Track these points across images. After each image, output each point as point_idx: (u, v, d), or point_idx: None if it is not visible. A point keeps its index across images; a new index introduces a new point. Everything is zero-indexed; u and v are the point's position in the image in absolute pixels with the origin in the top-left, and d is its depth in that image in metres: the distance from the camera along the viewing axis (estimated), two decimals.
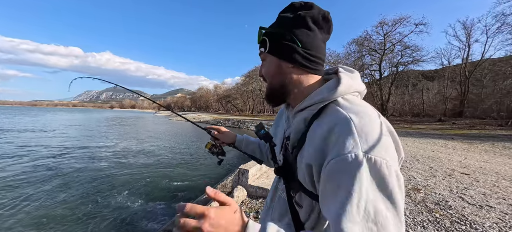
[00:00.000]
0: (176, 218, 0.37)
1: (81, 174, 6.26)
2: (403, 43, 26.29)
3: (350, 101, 0.49)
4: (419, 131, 13.55)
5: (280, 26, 0.55)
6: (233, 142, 0.94)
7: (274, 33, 0.55)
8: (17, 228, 3.49)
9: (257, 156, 0.93)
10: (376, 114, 0.47)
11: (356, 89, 0.53)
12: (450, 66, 28.54)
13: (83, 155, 8.71)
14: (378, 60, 28.15)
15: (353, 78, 0.54)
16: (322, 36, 0.55)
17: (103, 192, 5.03)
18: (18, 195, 4.71)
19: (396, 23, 26.03)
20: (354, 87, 0.52)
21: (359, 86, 0.54)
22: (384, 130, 0.42)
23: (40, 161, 7.58)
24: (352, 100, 0.49)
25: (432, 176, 3.90)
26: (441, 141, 8.89)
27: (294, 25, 0.53)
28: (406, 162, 4.99)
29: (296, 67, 0.54)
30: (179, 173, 6.71)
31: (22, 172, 6.31)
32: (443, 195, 3.02)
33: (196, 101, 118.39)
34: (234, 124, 27.79)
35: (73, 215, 3.95)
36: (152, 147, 11.10)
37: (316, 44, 0.53)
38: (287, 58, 0.54)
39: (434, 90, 32.61)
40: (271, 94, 0.60)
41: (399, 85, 30.94)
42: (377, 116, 0.46)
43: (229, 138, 0.94)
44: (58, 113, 71.22)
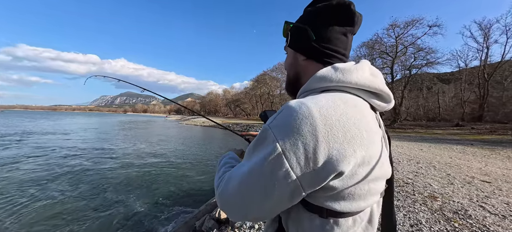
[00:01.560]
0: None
1: (95, 174, 6.52)
2: (416, 45, 25.49)
3: (318, 96, 0.45)
4: (434, 136, 13.00)
5: (301, 20, 0.57)
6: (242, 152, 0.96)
7: (295, 27, 0.58)
8: (31, 223, 3.69)
9: None
10: (312, 113, 0.40)
11: (337, 82, 0.47)
12: (467, 68, 27.31)
13: (97, 157, 9.07)
14: (390, 63, 27.42)
15: (337, 70, 0.48)
16: (342, 28, 0.52)
17: (116, 193, 5.22)
18: (36, 191, 4.99)
19: (408, 25, 25.34)
20: (331, 80, 0.47)
21: (342, 79, 0.47)
22: (301, 126, 0.39)
23: (58, 160, 7.98)
24: (318, 96, 0.45)
25: (449, 184, 3.74)
26: (459, 146, 8.49)
27: (312, 18, 0.54)
28: (422, 169, 4.81)
29: (309, 60, 0.56)
30: (189, 175, 6.83)
31: (41, 170, 6.66)
32: (462, 203, 2.89)
33: (206, 106, 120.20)
34: (243, 128, 27.91)
35: (85, 213, 4.12)
36: (163, 150, 11.37)
37: (333, 37, 0.52)
38: (301, 51, 0.57)
39: (450, 93, 31.25)
40: (288, 85, 0.63)
41: (413, 88, 29.95)
42: (307, 115, 0.40)
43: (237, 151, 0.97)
44: (76, 117, 74.77)
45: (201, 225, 3.09)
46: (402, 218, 2.50)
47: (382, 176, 0.47)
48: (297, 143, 0.39)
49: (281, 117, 0.43)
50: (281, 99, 55.60)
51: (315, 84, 0.49)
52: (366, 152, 0.42)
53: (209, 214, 3.22)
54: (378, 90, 0.49)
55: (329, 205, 0.44)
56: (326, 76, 0.48)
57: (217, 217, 3.03)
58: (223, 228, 2.74)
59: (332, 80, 0.47)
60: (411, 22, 25.13)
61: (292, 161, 0.39)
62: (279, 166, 0.40)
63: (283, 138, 0.40)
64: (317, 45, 0.53)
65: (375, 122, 0.47)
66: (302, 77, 0.58)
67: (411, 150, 7.59)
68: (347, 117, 0.42)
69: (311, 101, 0.43)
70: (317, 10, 0.53)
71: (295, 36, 0.57)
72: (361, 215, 0.47)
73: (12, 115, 75.58)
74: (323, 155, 0.39)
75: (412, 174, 4.33)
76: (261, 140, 0.44)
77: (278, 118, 0.43)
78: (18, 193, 4.99)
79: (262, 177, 0.41)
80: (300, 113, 0.40)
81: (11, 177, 6.17)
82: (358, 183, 0.43)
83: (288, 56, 0.61)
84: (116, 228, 3.69)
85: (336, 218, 0.45)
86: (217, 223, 2.99)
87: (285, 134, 0.40)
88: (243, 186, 0.43)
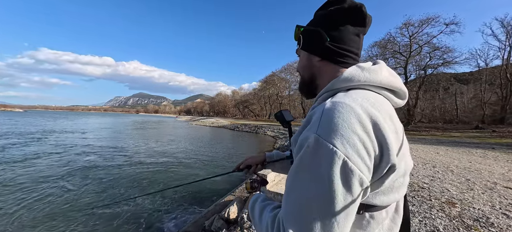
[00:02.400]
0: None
1: (107, 171, 6.76)
2: (432, 44, 24.41)
3: (348, 93, 0.46)
4: (452, 139, 12.39)
5: (313, 23, 0.59)
6: (264, 159, 0.91)
7: (307, 30, 0.59)
8: (42, 218, 3.88)
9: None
10: (356, 110, 0.41)
11: (365, 81, 0.48)
12: (487, 67, 25.84)
13: (110, 155, 9.40)
14: (403, 63, 26.46)
15: (363, 70, 0.49)
16: (355, 29, 0.54)
17: (126, 190, 5.39)
18: (54, 185, 5.25)
19: (423, 23, 24.33)
20: (359, 79, 0.48)
21: (370, 78, 0.48)
22: (352, 125, 0.39)
23: (75, 157, 8.36)
24: (350, 94, 0.46)
25: (469, 189, 3.55)
26: (479, 150, 8.03)
27: (325, 20, 0.55)
28: (438, 173, 4.60)
29: (324, 61, 0.56)
30: (198, 175, 6.92)
31: (60, 165, 7.00)
32: (484, 210, 2.73)
33: (215, 106, 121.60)
34: (251, 129, 27.97)
35: (95, 208, 4.29)
36: (173, 149, 11.61)
37: (347, 37, 0.54)
38: (315, 52, 0.57)
39: (469, 94, 29.70)
40: (302, 86, 0.64)
41: (428, 89, 28.70)
42: (352, 112, 0.40)
43: (259, 158, 0.91)
44: (92, 117, 78.11)
45: (210, 225, 3.12)
46: (418, 224, 2.40)
47: (409, 169, 0.49)
48: (356, 143, 0.38)
49: (326, 121, 0.40)
50: (290, 100, 55.16)
51: (341, 84, 0.49)
52: (400, 145, 0.45)
53: (218, 214, 3.25)
54: (398, 89, 0.52)
55: (369, 201, 0.44)
56: (354, 75, 0.49)
57: (226, 217, 3.05)
58: (232, 228, 2.75)
59: (359, 80, 0.48)
60: (426, 20, 24.12)
61: (359, 164, 0.38)
62: (350, 174, 0.37)
63: (341, 143, 0.37)
64: (331, 45, 0.54)
65: (396, 116, 0.50)
66: (317, 78, 0.59)
67: (427, 153, 7.28)
68: (383, 111, 0.43)
69: (348, 98, 0.42)
70: (330, 13, 0.55)
71: (308, 39, 0.59)
72: (391, 206, 0.50)
73: (34, 114, 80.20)
74: (378, 149, 0.39)
75: (428, 179, 4.15)
76: (313, 154, 0.39)
77: (323, 123, 0.40)
78: (40, 185, 5.28)
79: (337, 195, 0.37)
80: (345, 112, 0.39)
81: (33, 170, 6.54)
82: (398, 176, 0.44)
83: (302, 58, 0.62)
84: (124, 225, 3.80)
85: (371, 212, 0.46)
86: (226, 223, 3.01)
87: (340, 137, 0.38)
88: (316, 212, 0.38)
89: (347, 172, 0.37)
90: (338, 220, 0.37)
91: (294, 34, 0.63)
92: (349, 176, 0.37)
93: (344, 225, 0.38)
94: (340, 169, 0.37)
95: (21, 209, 4.25)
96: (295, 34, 0.63)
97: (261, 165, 0.90)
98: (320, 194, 0.38)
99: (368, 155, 0.39)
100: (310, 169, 0.40)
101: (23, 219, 3.90)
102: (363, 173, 0.38)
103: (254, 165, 0.90)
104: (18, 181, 5.76)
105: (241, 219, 2.74)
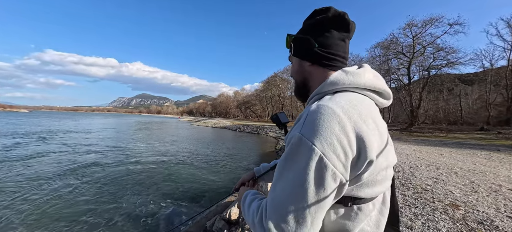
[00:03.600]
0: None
1: (109, 171, 6.81)
2: (435, 45, 24.17)
3: (334, 97, 0.51)
4: (456, 141, 12.25)
5: (302, 32, 0.63)
6: (253, 175, 0.96)
7: (297, 38, 0.64)
8: (46, 217, 3.92)
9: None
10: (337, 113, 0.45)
11: (349, 83, 0.53)
12: (493, 68, 25.47)
13: (113, 155, 9.47)
14: (406, 63, 26.24)
15: (348, 73, 0.54)
16: (340, 34, 0.59)
17: (128, 190, 5.42)
18: (60, 183, 5.30)
19: (426, 24, 24.13)
20: (344, 82, 0.53)
21: (353, 81, 0.53)
22: (332, 126, 0.43)
23: (78, 157, 8.43)
24: (335, 97, 0.50)
25: (473, 192, 3.50)
26: (484, 152, 7.92)
27: (313, 28, 0.60)
28: (442, 175, 4.55)
29: (314, 65, 0.61)
30: (200, 175, 6.93)
31: (65, 164, 7.08)
32: (488, 213, 2.69)
33: (217, 107, 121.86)
34: (253, 129, 27.96)
35: (97, 208, 4.31)
36: (175, 150, 11.66)
37: (334, 43, 0.58)
38: (306, 58, 0.62)
39: (474, 95, 29.34)
40: (297, 90, 0.68)
41: (432, 90, 28.42)
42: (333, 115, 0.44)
43: (250, 175, 0.97)
44: (96, 117, 78.81)
45: (212, 225, 3.12)
46: (421, 227, 2.37)
47: (391, 163, 0.54)
48: (333, 142, 0.42)
49: (309, 122, 0.45)
50: (292, 100, 55.06)
51: (328, 87, 0.54)
52: (381, 142, 0.49)
53: (220, 215, 3.25)
54: (381, 90, 0.57)
55: (354, 193, 0.49)
56: (339, 79, 0.54)
57: (227, 218, 3.05)
58: (233, 229, 2.75)
59: (344, 83, 0.53)
60: (430, 21, 23.93)
61: (334, 161, 0.42)
62: (324, 169, 0.41)
63: (319, 141, 0.42)
64: (319, 51, 0.59)
65: (380, 116, 0.54)
66: (309, 82, 0.63)
67: (430, 155, 7.20)
68: (364, 112, 0.48)
69: (331, 102, 0.47)
70: (317, 21, 0.60)
71: (299, 46, 0.63)
72: (378, 198, 0.54)
73: (40, 115, 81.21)
74: (356, 147, 0.44)
75: (431, 181, 4.10)
76: (295, 150, 0.44)
77: (306, 124, 0.45)
78: (45, 184, 5.35)
79: (311, 186, 0.42)
80: (326, 114, 0.44)
81: (39, 169, 6.62)
82: (379, 170, 0.49)
83: (294, 64, 0.67)
84: (124, 226, 3.82)
85: (359, 204, 0.50)
86: (228, 224, 3.01)
87: (319, 137, 0.42)
88: (292, 201, 0.43)
89: (321, 167, 0.41)
90: (311, 211, 0.42)
91: (286, 42, 0.67)
92: (323, 170, 0.41)
93: (317, 215, 0.43)
94: (315, 164, 0.41)
95: (23, 205, 4.30)
96: (286, 42, 0.67)
97: (253, 181, 0.94)
98: (296, 185, 0.42)
99: (344, 153, 0.43)
100: (291, 163, 0.44)
101: (24, 215, 3.95)
102: (337, 168, 0.42)
103: (247, 182, 0.94)
104: (23, 179, 5.84)
105: (243, 220, 2.74)
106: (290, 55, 0.67)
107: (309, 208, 0.42)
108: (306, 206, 0.42)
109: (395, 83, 28.66)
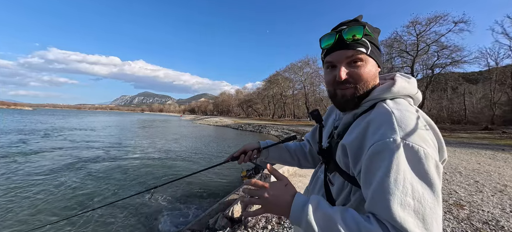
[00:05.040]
0: (244, 189, 0.57)
1: (111, 168, 6.86)
2: (440, 43, 23.90)
3: (398, 102, 0.54)
4: (460, 140, 12.13)
5: (373, 39, 0.60)
6: (258, 146, 0.90)
7: (372, 37, 0.59)
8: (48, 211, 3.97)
9: (287, 161, 0.93)
10: (416, 113, 0.52)
11: (409, 92, 0.58)
12: (498, 67, 25.12)
13: (116, 152, 9.53)
14: (410, 62, 26.00)
15: (409, 82, 0.59)
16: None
17: (130, 187, 5.47)
18: (66, 177, 5.36)
19: (431, 22, 23.84)
20: (408, 90, 0.57)
21: (412, 90, 0.58)
22: (422, 125, 0.48)
23: (81, 153, 8.52)
24: (400, 102, 0.55)
25: (478, 191, 3.47)
26: (488, 152, 7.84)
27: (375, 33, 0.61)
28: (446, 174, 4.51)
29: (378, 72, 0.62)
30: (202, 173, 6.96)
31: (69, 159, 7.16)
32: (493, 213, 2.66)
33: (218, 106, 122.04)
34: (255, 128, 27.96)
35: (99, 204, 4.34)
36: (177, 148, 11.71)
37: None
38: (379, 63, 0.61)
39: (478, 94, 28.97)
40: (355, 96, 0.58)
41: (435, 89, 28.13)
42: (416, 114, 0.51)
43: (255, 144, 0.91)
44: (99, 115, 79.46)
45: (214, 223, 3.13)
46: None
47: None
48: (432, 144, 0.46)
49: (405, 126, 0.45)
50: (294, 99, 54.84)
51: (389, 93, 0.56)
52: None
53: (222, 213, 3.26)
54: (416, 97, 0.61)
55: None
56: (407, 87, 0.58)
57: (230, 215, 3.06)
58: (236, 227, 2.75)
59: (411, 91, 0.59)
60: (434, 19, 23.65)
61: (437, 159, 0.44)
62: (439, 170, 0.44)
63: (426, 145, 0.44)
64: (380, 59, 0.63)
65: None
66: (373, 86, 0.60)
67: None
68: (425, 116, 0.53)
69: (409, 107, 0.53)
70: (374, 29, 0.61)
71: (377, 48, 0.61)
72: None
73: (44, 113, 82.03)
74: (439, 148, 0.49)
75: None
76: (410, 156, 0.43)
77: (402, 127, 0.45)
78: (52, 177, 5.41)
79: (438, 189, 0.42)
80: (417, 119, 0.48)
81: (44, 163, 6.70)
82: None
83: (371, 66, 0.58)
84: (126, 222, 3.85)
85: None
86: (230, 221, 3.02)
87: (423, 140, 0.44)
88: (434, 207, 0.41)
89: (438, 169, 0.43)
90: (439, 210, 0.42)
91: (360, 32, 0.55)
92: (439, 172, 0.44)
93: (440, 213, 0.42)
94: (434, 167, 0.43)
95: (24, 200, 4.36)
96: (361, 33, 0.55)
97: (257, 151, 0.89)
98: (429, 191, 0.41)
99: (437, 153, 0.47)
100: (412, 171, 0.42)
101: (27, 208, 4.00)
102: (441, 167, 0.45)
103: (250, 151, 0.88)
104: (31, 173, 5.91)
105: (245, 218, 2.74)
106: (365, 53, 0.56)
107: (439, 208, 0.42)
108: (438, 206, 0.42)
109: None
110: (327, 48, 0.60)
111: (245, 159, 0.88)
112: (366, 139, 0.49)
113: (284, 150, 0.92)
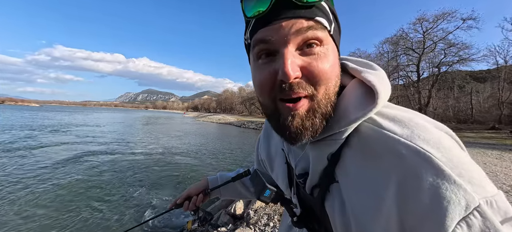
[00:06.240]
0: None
1: (116, 163, 6.99)
2: (447, 40, 23.40)
3: (387, 113, 0.34)
4: (466, 140, 11.94)
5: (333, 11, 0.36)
6: (206, 186, 0.73)
7: (332, 4, 0.35)
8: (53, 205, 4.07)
9: (245, 196, 0.78)
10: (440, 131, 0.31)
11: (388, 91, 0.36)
12: (507, 65, 24.53)
13: (121, 148, 9.69)
14: (416, 60, 25.56)
15: (377, 74, 0.35)
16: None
17: (134, 182, 5.57)
18: (72, 170, 5.49)
19: (438, 19, 23.32)
20: (387, 90, 0.34)
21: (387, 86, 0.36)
22: (463, 153, 0.29)
23: (86, 147, 8.69)
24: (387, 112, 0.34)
25: None
26: (495, 152, 7.70)
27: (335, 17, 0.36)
28: None
29: (339, 63, 0.37)
30: (205, 170, 7.03)
31: (77, 154, 7.32)
32: None
33: (221, 103, 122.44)
34: (257, 126, 28.01)
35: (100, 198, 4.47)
36: (180, 145, 11.83)
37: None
38: (339, 50, 0.37)
39: (485, 93, 28.40)
40: (324, 115, 0.33)
41: (442, 87, 27.67)
42: (445, 134, 0.31)
43: (201, 185, 0.74)
44: (103, 112, 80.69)
45: (217, 220, 3.17)
46: None
47: None
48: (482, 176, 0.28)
49: (465, 172, 0.27)
50: None
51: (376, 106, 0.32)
52: None
53: (225, 210, 3.30)
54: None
55: None
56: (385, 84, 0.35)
57: (232, 212, 3.09)
58: (238, 224, 2.79)
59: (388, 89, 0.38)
60: (442, 16, 23.12)
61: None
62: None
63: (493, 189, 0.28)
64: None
65: None
66: (340, 90, 0.37)
67: None
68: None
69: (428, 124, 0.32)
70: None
71: (338, 25, 0.37)
72: None
73: (51, 109, 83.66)
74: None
75: None
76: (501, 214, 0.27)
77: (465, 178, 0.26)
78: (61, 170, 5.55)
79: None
80: (453, 146, 0.29)
81: (54, 157, 6.87)
82: None
83: (333, 55, 0.34)
84: (130, 217, 3.92)
85: None
86: (233, 218, 3.06)
87: (484, 181, 0.28)
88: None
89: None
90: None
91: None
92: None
93: None
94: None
95: (29, 195, 4.48)
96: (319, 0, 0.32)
97: (203, 195, 0.71)
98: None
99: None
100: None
101: (27, 206, 4.11)
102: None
103: (195, 196, 0.71)
104: (38, 166, 6.06)
105: (247, 215, 2.77)
106: (327, 29, 0.33)
107: None
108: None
109: (403, 80, 28.06)
110: (258, 16, 0.32)
111: (190, 207, 0.71)
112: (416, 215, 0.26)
113: (240, 184, 0.75)
